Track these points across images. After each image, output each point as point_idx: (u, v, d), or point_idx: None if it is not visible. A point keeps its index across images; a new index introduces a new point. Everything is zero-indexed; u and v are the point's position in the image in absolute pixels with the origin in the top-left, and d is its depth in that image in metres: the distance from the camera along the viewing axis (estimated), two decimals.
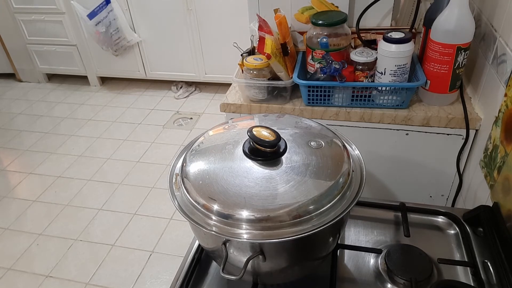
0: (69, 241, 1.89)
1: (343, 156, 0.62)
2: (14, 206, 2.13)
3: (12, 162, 2.50)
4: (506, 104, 0.80)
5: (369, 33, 1.14)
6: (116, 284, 1.68)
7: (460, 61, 0.94)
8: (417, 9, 1.09)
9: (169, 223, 1.95)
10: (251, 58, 1.09)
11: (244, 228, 0.54)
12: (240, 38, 1.30)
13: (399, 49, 0.95)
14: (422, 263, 0.69)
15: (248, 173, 0.59)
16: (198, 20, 2.67)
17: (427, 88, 1.02)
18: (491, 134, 0.87)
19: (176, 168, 0.66)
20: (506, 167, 0.76)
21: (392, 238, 0.77)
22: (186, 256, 0.74)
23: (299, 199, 0.54)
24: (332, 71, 1.00)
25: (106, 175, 2.31)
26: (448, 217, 0.79)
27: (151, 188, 2.18)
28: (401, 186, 1.17)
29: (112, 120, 2.82)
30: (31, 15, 2.96)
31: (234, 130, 0.69)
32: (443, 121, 1.00)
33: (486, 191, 0.86)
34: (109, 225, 1.97)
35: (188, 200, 0.58)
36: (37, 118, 2.91)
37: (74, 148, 2.57)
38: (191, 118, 2.78)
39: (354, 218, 0.82)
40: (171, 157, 2.41)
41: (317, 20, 1.03)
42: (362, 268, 0.72)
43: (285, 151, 0.61)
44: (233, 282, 0.69)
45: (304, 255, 0.62)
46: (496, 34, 0.89)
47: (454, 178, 1.09)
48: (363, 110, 1.04)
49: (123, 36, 2.78)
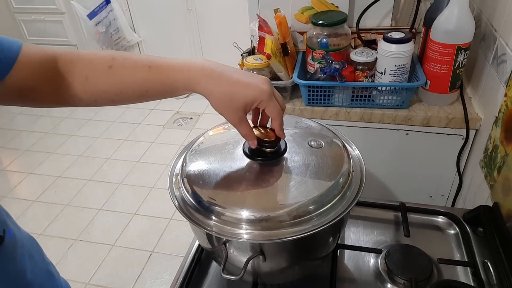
0: (69, 241, 1.89)
1: (343, 156, 0.62)
2: (14, 206, 2.13)
3: (12, 162, 2.50)
4: (506, 104, 0.80)
5: (369, 33, 1.14)
6: (116, 284, 1.68)
7: (460, 61, 0.94)
8: (417, 9, 1.09)
9: (169, 223, 1.95)
10: (251, 58, 1.09)
11: (244, 228, 0.54)
12: (240, 38, 1.30)
13: (399, 49, 0.95)
14: (422, 263, 0.69)
15: (248, 173, 0.59)
16: (198, 20, 2.67)
17: (427, 88, 1.02)
18: (491, 134, 0.87)
19: (176, 168, 0.66)
20: (506, 167, 0.76)
21: (392, 238, 0.77)
22: (186, 256, 0.74)
23: (299, 199, 0.54)
24: (332, 71, 1.00)
25: (106, 175, 2.31)
26: (448, 217, 0.79)
27: (151, 188, 2.18)
28: (401, 186, 1.17)
29: (112, 120, 2.82)
30: (31, 15, 2.96)
31: (234, 130, 0.68)
32: (443, 121, 1.00)
33: (486, 191, 0.86)
34: (109, 225, 1.97)
35: (188, 200, 0.58)
36: (37, 118, 2.90)
37: (74, 148, 2.57)
38: (191, 118, 2.78)
39: (354, 218, 0.82)
40: (171, 157, 2.40)
41: (317, 20, 1.03)
42: (362, 268, 0.72)
43: (285, 151, 0.61)
44: (233, 282, 0.69)
45: (304, 255, 0.62)
46: (496, 34, 0.89)
47: (454, 178, 1.09)
48: (363, 110, 1.04)
49: (123, 36, 2.78)
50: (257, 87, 0.53)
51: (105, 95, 0.55)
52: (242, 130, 0.56)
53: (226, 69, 0.54)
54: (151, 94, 0.56)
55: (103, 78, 0.54)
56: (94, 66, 0.54)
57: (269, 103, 0.54)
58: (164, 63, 0.54)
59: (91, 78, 0.54)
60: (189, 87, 0.54)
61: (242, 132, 0.57)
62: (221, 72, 0.53)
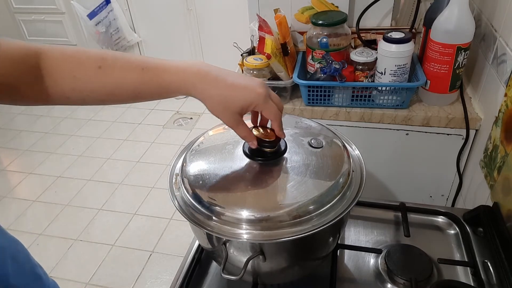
0: (69, 241, 1.90)
1: (343, 156, 0.62)
2: (14, 206, 2.13)
3: (12, 162, 2.50)
4: (506, 104, 0.80)
5: (369, 33, 1.14)
6: (116, 284, 1.68)
7: (460, 61, 0.94)
8: (417, 9, 1.09)
9: (169, 223, 1.95)
10: (251, 58, 1.09)
11: (244, 228, 0.54)
12: (240, 38, 1.30)
13: (399, 49, 0.95)
14: (422, 263, 0.69)
15: (248, 173, 0.59)
16: (198, 20, 2.67)
17: (427, 88, 1.02)
18: (491, 134, 0.87)
19: (176, 168, 0.66)
20: (506, 167, 0.76)
21: (392, 238, 0.77)
22: (186, 256, 0.74)
23: (299, 199, 0.54)
24: (332, 71, 1.00)
25: (106, 175, 2.31)
26: (448, 217, 0.79)
27: (151, 188, 2.18)
28: (401, 186, 1.17)
29: (112, 120, 2.82)
30: (31, 15, 2.96)
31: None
32: (443, 121, 1.00)
33: (486, 191, 0.86)
34: (109, 225, 1.97)
35: (188, 200, 0.58)
36: (37, 118, 2.90)
37: (74, 148, 2.57)
38: (191, 118, 2.78)
39: (354, 218, 0.82)
40: (171, 157, 2.40)
41: (317, 20, 1.03)
42: (362, 268, 0.72)
43: (285, 151, 0.61)
44: (233, 282, 0.69)
45: (304, 255, 0.62)
46: (496, 34, 0.89)
47: (454, 178, 1.09)
48: (363, 110, 1.04)
49: (123, 36, 2.78)
50: (253, 90, 0.53)
51: (95, 95, 0.54)
52: (241, 132, 0.56)
53: (222, 72, 0.54)
54: (144, 95, 0.55)
55: (92, 78, 0.52)
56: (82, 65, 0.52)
57: (266, 105, 0.54)
58: (158, 65, 0.53)
59: (79, 77, 0.52)
60: (184, 90, 0.53)
61: (241, 134, 0.57)
62: (217, 75, 0.53)
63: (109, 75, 0.52)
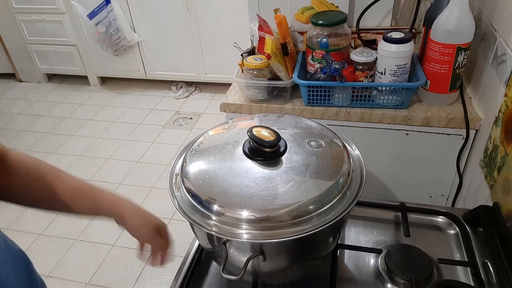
0: (69, 241, 1.89)
1: (343, 156, 0.62)
2: (14, 206, 2.11)
3: None
4: (506, 104, 0.80)
5: (369, 33, 1.14)
6: (116, 284, 1.68)
7: (460, 61, 0.94)
8: (417, 9, 1.09)
9: (169, 223, 1.95)
10: (251, 58, 1.09)
11: (244, 228, 0.54)
12: (240, 38, 1.30)
13: (399, 49, 0.95)
14: (422, 263, 0.69)
15: (248, 173, 0.59)
16: (198, 20, 2.67)
17: (427, 88, 1.02)
18: (491, 134, 0.87)
19: (176, 168, 0.66)
20: (506, 167, 0.76)
21: (392, 238, 0.77)
22: (186, 256, 0.74)
23: (299, 199, 0.54)
24: (332, 71, 1.00)
25: (106, 175, 2.31)
26: (448, 217, 0.79)
27: (151, 188, 2.18)
28: (401, 186, 1.17)
29: (112, 120, 2.82)
30: (31, 15, 2.95)
31: (234, 130, 0.69)
32: (443, 121, 1.00)
33: (486, 191, 0.86)
34: (109, 225, 1.95)
35: (188, 200, 0.58)
36: (37, 118, 2.90)
37: (74, 148, 2.57)
38: (191, 118, 2.78)
39: (354, 218, 0.82)
40: (171, 157, 2.40)
41: (317, 20, 1.03)
42: (362, 268, 0.72)
43: (285, 151, 0.61)
44: (233, 282, 0.69)
45: (304, 255, 0.62)
46: (496, 34, 0.89)
47: (454, 178, 1.09)
48: (363, 110, 1.04)
49: (123, 36, 2.78)
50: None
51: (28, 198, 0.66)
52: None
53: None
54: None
55: (28, 188, 0.64)
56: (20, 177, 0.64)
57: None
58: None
59: (15, 185, 0.63)
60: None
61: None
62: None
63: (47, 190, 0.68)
